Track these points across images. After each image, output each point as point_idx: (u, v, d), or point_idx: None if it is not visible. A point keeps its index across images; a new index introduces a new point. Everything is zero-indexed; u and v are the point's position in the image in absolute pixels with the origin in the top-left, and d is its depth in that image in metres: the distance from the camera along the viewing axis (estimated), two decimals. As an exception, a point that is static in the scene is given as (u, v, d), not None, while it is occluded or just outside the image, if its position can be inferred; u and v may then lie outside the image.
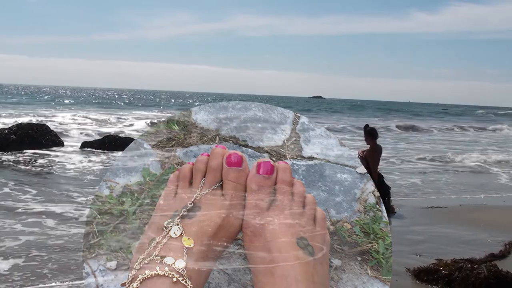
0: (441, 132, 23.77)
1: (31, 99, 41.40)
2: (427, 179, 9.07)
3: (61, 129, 14.42)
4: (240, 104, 0.74)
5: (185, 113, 0.74)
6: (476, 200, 7.24)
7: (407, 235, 5.14)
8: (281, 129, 0.72)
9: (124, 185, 0.67)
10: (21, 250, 4.32)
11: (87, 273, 0.61)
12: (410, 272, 3.97)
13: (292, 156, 0.69)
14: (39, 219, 5.31)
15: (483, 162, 11.72)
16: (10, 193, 6.54)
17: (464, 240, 5.07)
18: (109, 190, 0.67)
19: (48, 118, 18.49)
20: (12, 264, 4.00)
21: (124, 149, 0.69)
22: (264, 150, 0.70)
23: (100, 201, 0.66)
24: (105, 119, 20.32)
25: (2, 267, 3.93)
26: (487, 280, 3.61)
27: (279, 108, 0.75)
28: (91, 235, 0.63)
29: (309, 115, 30.63)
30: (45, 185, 7.16)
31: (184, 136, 0.71)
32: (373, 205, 0.67)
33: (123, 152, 0.69)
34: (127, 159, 0.68)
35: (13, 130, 10.92)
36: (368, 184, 0.68)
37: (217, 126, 0.72)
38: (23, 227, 5.00)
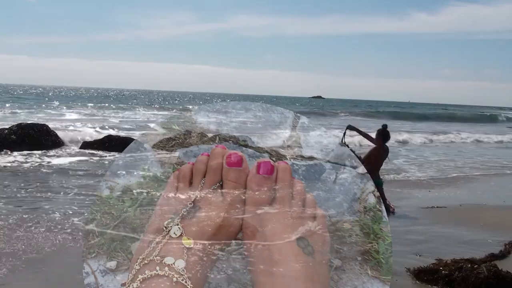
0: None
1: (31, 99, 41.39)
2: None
3: (61, 128, 14.42)
4: (240, 104, 0.74)
5: (185, 113, 0.74)
6: (476, 200, 7.24)
7: (407, 235, 5.14)
8: (281, 129, 0.72)
9: (124, 185, 0.67)
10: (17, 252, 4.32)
11: (87, 273, 0.61)
12: (410, 272, 3.97)
13: (292, 156, 0.69)
14: (39, 219, 5.31)
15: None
16: (10, 193, 6.54)
17: (464, 240, 5.07)
18: (109, 190, 0.67)
19: (48, 118, 18.50)
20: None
21: (124, 149, 0.69)
22: (264, 150, 0.70)
23: (100, 201, 0.66)
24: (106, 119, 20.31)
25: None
26: (487, 280, 3.61)
27: (279, 108, 0.75)
28: (91, 235, 0.63)
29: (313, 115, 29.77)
30: (44, 185, 7.15)
31: (184, 136, 0.71)
32: (373, 205, 0.67)
33: (123, 152, 0.69)
34: (127, 159, 0.68)
35: (13, 130, 10.92)
36: (368, 184, 0.68)
37: (217, 126, 0.72)
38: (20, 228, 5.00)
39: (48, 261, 4.10)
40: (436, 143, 17.89)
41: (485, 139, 20.10)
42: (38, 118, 18.04)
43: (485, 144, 18.69)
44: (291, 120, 0.73)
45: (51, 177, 7.96)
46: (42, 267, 3.96)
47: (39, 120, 15.80)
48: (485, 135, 21.12)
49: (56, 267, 3.97)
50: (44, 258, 4.16)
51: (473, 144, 18.56)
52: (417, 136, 18.37)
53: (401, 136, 17.54)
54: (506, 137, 21.37)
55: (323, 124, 0.92)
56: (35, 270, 3.89)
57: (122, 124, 18.84)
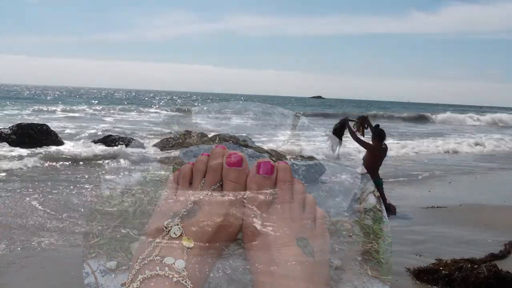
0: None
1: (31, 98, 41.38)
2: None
3: (61, 128, 14.41)
4: (240, 104, 0.74)
5: (185, 113, 0.74)
6: (476, 200, 7.23)
7: (407, 235, 5.13)
8: (281, 129, 0.72)
9: (124, 185, 0.67)
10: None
11: (87, 273, 0.61)
12: (410, 272, 3.97)
13: (292, 156, 0.69)
14: (38, 218, 5.31)
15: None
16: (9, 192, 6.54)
17: (464, 240, 5.07)
18: (109, 190, 0.67)
19: (48, 118, 18.49)
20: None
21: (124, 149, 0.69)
22: (264, 150, 0.70)
23: (100, 201, 0.66)
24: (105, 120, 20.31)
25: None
26: (487, 280, 3.61)
27: (279, 108, 0.75)
28: (91, 235, 0.63)
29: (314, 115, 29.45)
30: (44, 185, 7.15)
31: (184, 136, 0.71)
32: (373, 205, 0.67)
33: (123, 152, 0.69)
34: (127, 159, 0.69)
35: (13, 130, 10.92)
36: (368, 184, 0.68)
37: (217, 126, 0.72)
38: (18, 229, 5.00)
39: (48, 261, 4.10)
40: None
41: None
42: (38, 118, 18.04)
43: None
44: (291, 120, 0.73)
45: (50, 176, 7.95)
46: (42, 267, 3.96)
47: (39, 120, 15.80)
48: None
49: (56, 267, 3.97)
50: (44, 258, 4.16)
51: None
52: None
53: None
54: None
55: (323, 124, 0.91)
56: (35, 270, 3.89)
57: (123, 124, 18.84)
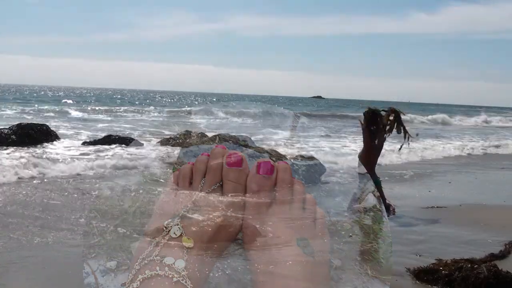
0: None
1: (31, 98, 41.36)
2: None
3: (61, 128, 14.41)
4: (240, 104, 0.74)
5: (185, 114, 0.74)
6: (476, 200, 7.23)
7: (407, 235, 5.13)
8: (281, 129, 0.72)
9: (124, 185, 0.67)
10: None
11: (87, 273, 0.61)
12: (410, 272, 3.97)
13: (292, 156, 0.69)
14: (38, 217, 5.31)
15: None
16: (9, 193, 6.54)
17: (464, 240, 5.06)
18: (109, 190, 0.67)
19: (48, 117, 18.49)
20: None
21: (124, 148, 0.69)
22: (264, 150, 0.70)
23: (100, 201, 0.66)
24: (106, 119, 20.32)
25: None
26: (487, 280, 3.61)
27: (279, 108, 0.75)
28: (91, 235, 0.63)
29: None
30: (43, 185, 7.15)
31: (184, 136, 0.71)
32: (373, 205, 0.67)
33: (123, 152, 0.69)
34: (127, 159, 0.69)
35: (13, 129, 10.92)
36: (368, 184, 0.68)
37: (217, 126, 0.72)
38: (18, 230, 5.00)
39: (48, 261, 4.10)
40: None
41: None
42: (38, 118, 18.04)
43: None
44: (291, 120, 0.74)
45: (49, 176, 7.95)
46: (42, 267, 3.96)
47: (39, 120, 15.80)
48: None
49: (56, 267, 3.97)
50: (44, 258, 4.16)
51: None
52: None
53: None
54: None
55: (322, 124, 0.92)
56: (35, 270, 3.89)
57: (123, 124, 18.84)
